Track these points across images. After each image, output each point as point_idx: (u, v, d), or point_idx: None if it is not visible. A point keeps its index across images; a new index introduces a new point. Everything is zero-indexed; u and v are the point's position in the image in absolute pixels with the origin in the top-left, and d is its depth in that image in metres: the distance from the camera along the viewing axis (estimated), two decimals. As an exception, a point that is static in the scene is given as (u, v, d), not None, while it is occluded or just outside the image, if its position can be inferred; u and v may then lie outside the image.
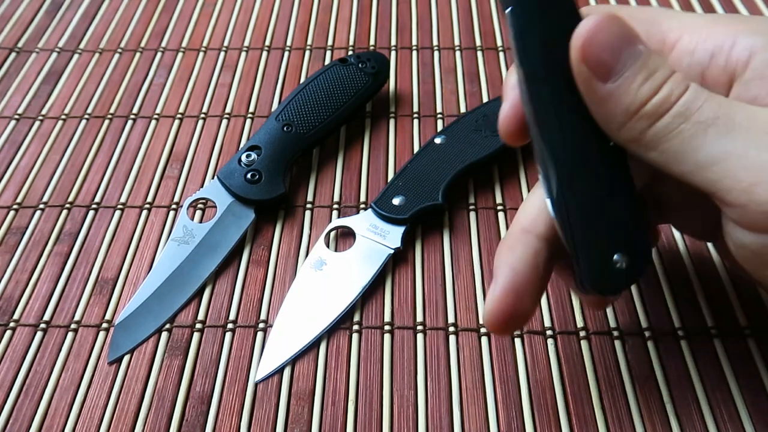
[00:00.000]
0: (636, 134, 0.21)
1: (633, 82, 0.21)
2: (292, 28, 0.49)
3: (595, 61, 0.21)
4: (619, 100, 0.21)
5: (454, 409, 0.29)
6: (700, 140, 0.20)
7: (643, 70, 0.21)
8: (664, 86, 0.21)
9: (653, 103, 0.21)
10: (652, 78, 0.21)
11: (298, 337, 0.31)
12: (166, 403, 0.30)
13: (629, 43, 0.21)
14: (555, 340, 0.31)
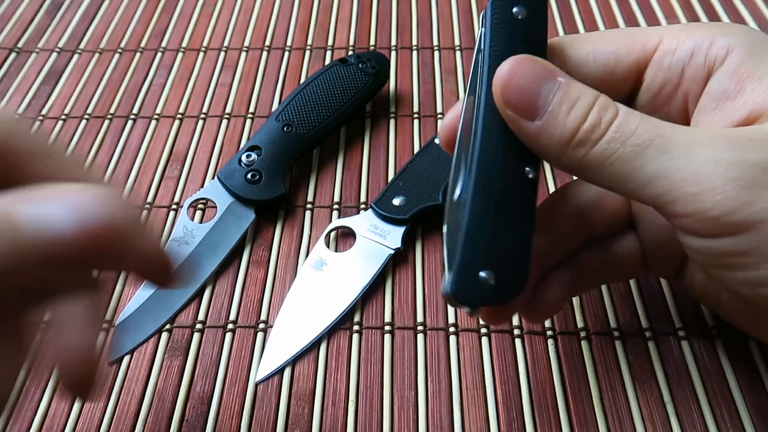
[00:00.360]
0: (576, 162, 0.22)
1: (558, 114, 0.22)
2: (292, 28, 0.49)
3: (517, 103, 0.22)
4: (550, 134, 0.22)
5: (454, 410, 0.29)
6: (640, 161, 0.21)
7: (566, 101, 0.22)
8: (591, 113, 0.22)
9: (584, 131, 0.22)
10: (575, 107, 0.22)
11: (299, 337, 0.31)
12: (166, 403, 0.30)
13: (546, 78, 0.22)
14: (555, 340, 0.31)
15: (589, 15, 0.49)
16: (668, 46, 0.25)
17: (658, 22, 0.48)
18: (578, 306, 0.32)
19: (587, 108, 0.22)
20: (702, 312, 0.32)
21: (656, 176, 0.21)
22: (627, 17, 0.49)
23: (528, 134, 0.22)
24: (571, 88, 0.22)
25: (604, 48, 0.26)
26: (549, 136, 0.22)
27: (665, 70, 0.25)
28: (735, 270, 0.22)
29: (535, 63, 0.22)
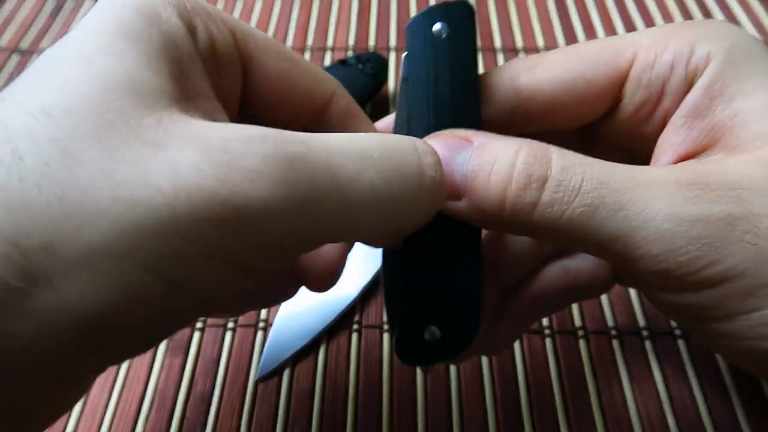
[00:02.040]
0: (523, 231, 0.20)
1: (477, 186, 0.19)
2: (292, 28, 0.50)
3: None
4: (479, 209, 0.19)
5: (453, 408, 0.29)
6: (593, 223, 0.18)
7: (481, 169, 0.19)
8: (514, 174, 0.19)
9: (512, 197, 0.19)
10: (493, 172, 0.19)
11: (298, 336, 0.32)
12: (166, 402, 0.30)
13: (459, 148, 0.20)
14: (553, 339, 0.31)
15: (586, 15, 0.49)
16: (645, 61, 0.22)
17: (654, 24, 0.48)
18: (576, 305, 0.33)
19: (508, 170, 0.19)
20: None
21: (614, 238, 0.18)
22: (625, 19, 0.49)
23: (461, 214, 0.20)
24: (486, 150, 0.19)
25: (568, 72, 0.23)
26: (479, 211, 0.19)
27: (645, 87, 0.22)
28: (702, 322, 0.20)
29: (443, 137, 0.20)
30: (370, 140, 0.17)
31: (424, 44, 0.21)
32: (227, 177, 0.14)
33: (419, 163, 0.18)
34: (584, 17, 0.49)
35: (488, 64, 0.46)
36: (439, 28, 0.21)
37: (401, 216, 0.18)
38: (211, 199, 0.14)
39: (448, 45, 0.21)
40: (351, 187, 0.16)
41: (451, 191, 0.19)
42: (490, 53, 0.47)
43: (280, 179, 0.15)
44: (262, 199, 0.15)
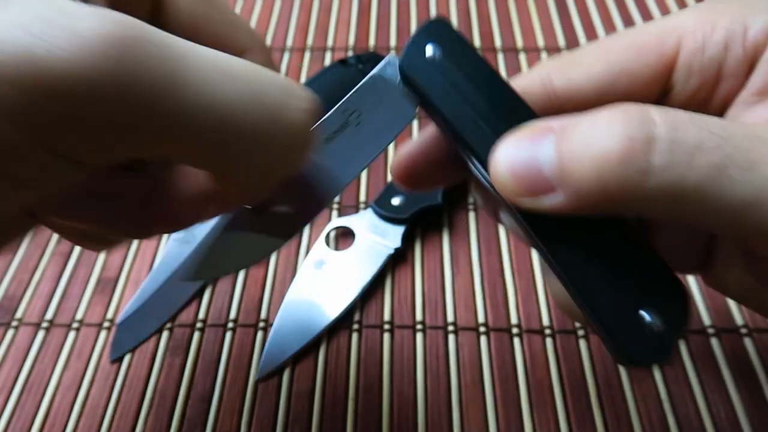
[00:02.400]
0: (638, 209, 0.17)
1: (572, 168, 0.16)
2: (292, 28, 0.50)
3: (526, 188, 0.18)
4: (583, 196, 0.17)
5: (453, 408, 0.29)
6: (722, 185, 0.16)
7: (573, 150, 0.17)
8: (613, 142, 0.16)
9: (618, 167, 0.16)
10: (586, 149, 0.16)
11: (299, 336, 0.32)
12: (167, 401, 0.30)
13: (537, 140, 0.18)
14: (553, 339, 0.31)
15: (587, 15, 0.49)
16: (693, 45, 0.20)
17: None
18: (576, 305, 0.33)
19: (604, 141, 0.16)
20: (699, 311, 0.32)
21: (749, 201, 0.16)
22: (625, 18, 0.49)
23: (563, 209, 0.17)
24: (571, 129, 0.17)
25: (609, 68, 0.20)
26: (581, 198, 0.17)
27: (697, 73, 0.20)
28: None
29: (520, 133, 0.18)
30: (238, 61, 0.16)
31: (430, 74, 0.20)
32: (49, 36, 0.13)
33: (287, 100, 0.17)
34: (584, 17, 0.49)
35: (488, 63, 0.46)
36: (431, 54, 0.20)
37: (255, 152, 0.16)
38: (23, 56, 0.13)
39: (451, 61, 0.20)
40: (197, 92, 0.15)
41: (544, 187, 0.17)
42: (490, 53, 0.47)
43: (109, 55, 0.13)
44: (82, 67, 0.13)
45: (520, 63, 0.46)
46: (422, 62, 0.20)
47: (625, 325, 0.19)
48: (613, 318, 0.19)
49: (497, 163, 0.18)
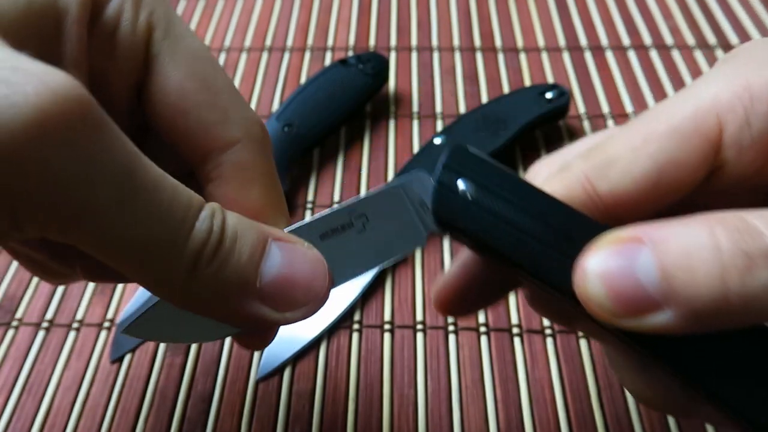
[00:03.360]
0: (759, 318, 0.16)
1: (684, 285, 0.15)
2: (292, 28, 0.50)
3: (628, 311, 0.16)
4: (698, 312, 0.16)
5: (453, 408, 0.29)
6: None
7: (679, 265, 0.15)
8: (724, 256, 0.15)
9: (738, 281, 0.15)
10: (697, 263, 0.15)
11: (299, 336, 0.32)
12: (167, 401, 0.30)
13: (632, 252, 0.16)
14: (554, 338, 0.31)
15: (587, 15, 0.49)
16: (737, 121, 0.19)
17: (655, 23, 0.48)
18: (577, 305, 0.33)
19: (713, 255, 0.15)
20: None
21: None
22: (625, 18, 0.49)
23: (673, 328, 0.16)
24: (670, 242, 0.16)
25: (651, 163, 0.19)
26: (694, 314, 0.15)
27: (748, 147, 0.19)
28: None
29: (608, 244, 0.17)
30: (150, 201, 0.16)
31: (469, 212, 0.18)
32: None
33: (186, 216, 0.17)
34: (585, 16, 0.49)
35: (489, 63, 0.46)
36: (464, 189, 0.18)
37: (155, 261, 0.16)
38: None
39: (487, 191, 0.18)
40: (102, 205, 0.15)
41: (649, 305, 0.16)
42: (490, 53, 0.47)
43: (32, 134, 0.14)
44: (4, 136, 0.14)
45: (521, 63, 0.46)
46: (456, 202, 0.18)
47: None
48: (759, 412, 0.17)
49: (588, 283, 0.16)
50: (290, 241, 0.19)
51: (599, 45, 0.47)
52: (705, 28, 0.48)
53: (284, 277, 0.18)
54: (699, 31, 0.47)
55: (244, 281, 0.17)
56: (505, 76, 0.45)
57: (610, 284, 0.16)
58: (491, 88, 0.44)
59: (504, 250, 0.18)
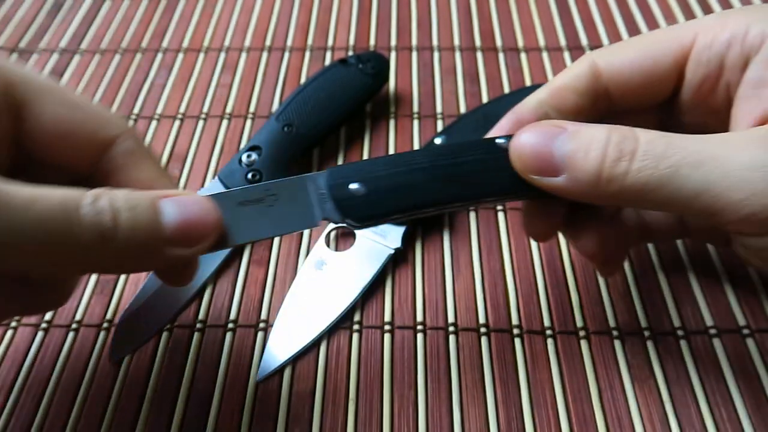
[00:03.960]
0: (615, 197, 0.23)
1: (577, 162, 0.23)
2: (292, 28, 0.49)
3: (537, 167, 0.23)
4: (578, 182, 0.23)
5: (454, 409, 0.29)
6: (678, 181, 0.21)
7: (580, 148, 0.23)
8: (608, 149, 0.22)
9: (608, 167, 0.22)
10: (591, 149, 0.23)
11: (299, 336, 0.31)
12: (167, 401, 0.30)
13: (554, 134, 0.23)
14: (555, 339, 0.31)
15: (588, 14, 0.49)
16: (704, 41, 0.25)
17: (656, 22, 0.48)
18: (577, 305, 0.33)
19: (603, 146, 0.22)
20: (700, 311, 0.32)
21: (698, 191, 0.21)
22: (626, 17, 0.49)
23: (560, 189, 0.23)
24: (581, 134, 0.23)
25: (638, 54, 0.26)
26: (578, 183, 0.23)
27: (705, 64, 0.25)
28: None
29: (540, 126, 0.24)
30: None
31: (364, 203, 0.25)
32: None
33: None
34: (585, 16, 0.49)
35: (489, 63, 0.46)
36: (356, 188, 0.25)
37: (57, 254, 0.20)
38: None
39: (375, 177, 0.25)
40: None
41: (550, 169, 0.23)
42: (491, 53, 0.47)
43: None
44: None
45: (521, 63, 0.46)
46: (359, 202, 0.25)
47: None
48: None
49: (521, 145, 0.24)
50: (177, 194, 0.23)
51: (600, 45, 0.47)
52: (706, 28, 0.48)
53: (183, 221, 0.22)
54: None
55: (154, 235, 0.22)
56: (505, 76, 0.45)
57: (533, 149, 0.23)
58: (492, 88, 0.44)
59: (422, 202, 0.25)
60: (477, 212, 0.37)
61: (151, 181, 0.25)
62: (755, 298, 0.32)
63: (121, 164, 0.25)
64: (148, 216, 0.21)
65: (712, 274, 0.33)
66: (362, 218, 0.25)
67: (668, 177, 0.21)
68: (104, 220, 0.20)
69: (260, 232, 0.25)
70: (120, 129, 0.25)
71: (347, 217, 0.25)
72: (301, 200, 0.25)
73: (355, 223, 0.25)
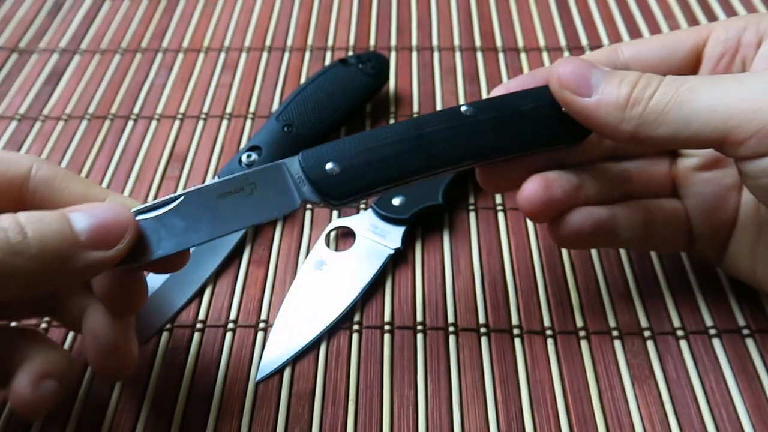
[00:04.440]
0: (637, 119, 0.25)
1: (610, 85, 0.26)
2: (292, 28, 0.49)
3: (573, 84, 0.26)
4: (609, 101, 0.26)
5: (454, 409, 0.29)
6: (695, 100, 0.24)
7: (615, 76, 0.26)
8: (639, 81, 0.25)
9: (637, 92, 0.25)
10: (625, 79, 0.26)
11: (299, 336, 0.31)
12: (167, 401, 0.30)
13: (593, 66, 0.27)
14: (554, 339, 0.31)
15: (588, 14, 0.49)
16: (722, 27, 0.29)
17: (656, 22, 0.48)
18: (577, 305, 0.33)
19: (635, 78, 0.26)
20: (700, 311, 0.32)
21: (713, 107, 0.23)
22: (626, 17, 0.49)
23: (587, 108, 0.26)
24: (617, 71, 0.26)
25: (660, 40, 0.30)
26: (607, 103, 0.26)
27: (722, 42, 0.28)
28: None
29: (581, 59, 0.27)
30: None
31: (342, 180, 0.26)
32: None
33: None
34: (585, 16, 0.49)
35: (489, 63, 0.46)
36: (331, 168, 0.26)
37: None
38: None
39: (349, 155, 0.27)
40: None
41: (585, 88, 0.26)
42: (491, 53, 0.47)
43: None
44: None
45: (522, 63, 0.46)
46: (334, 180, 0.26)
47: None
48: None
49: (563, 64, 0.27)
50: (84, 207, 0.24)
51: (600, 45, 0.47)
52: (706, 28, 0.48)
53: (95, 224, 0.23)
54: (700, 31, 0.47)
55: (67, 240, 0.22)
56: (505, 76, 0.45)
57: (573, 70, 0.26)
58: (492, 88, 0.44)
59: (395, 174, 0.26)
60: (477, 212, 0.37)
61: (83, 195, 0.26)
62: (755, 298, 0.32)
63: (47, 192, 0.25)
64: (58, 224, 0.22)
65: (712, 274, 0.33)
66: (341, 196, 0.26)
67: (687, 95, 0.24)
68: (11, 235, 0.21)
69: (243, 220, 0.25)
70: (28, 160, 0.26)
71: (326, 197, 0.26)
72: (280, 186, 0.26)
73: (335, 202, 0.26)
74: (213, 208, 0.25)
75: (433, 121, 0.27)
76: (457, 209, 0.37)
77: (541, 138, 0.28)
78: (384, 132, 0.27)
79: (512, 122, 0.28)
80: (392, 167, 0.26)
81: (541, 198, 0.28)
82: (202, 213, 0.25)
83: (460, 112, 0.27)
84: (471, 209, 0.37)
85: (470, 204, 0.37)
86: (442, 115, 0.28)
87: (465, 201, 0.37)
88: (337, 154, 0.26)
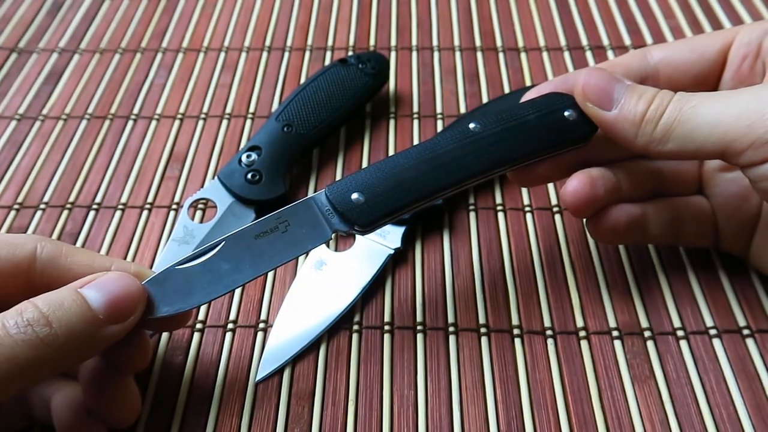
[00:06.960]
0: (648, 136, 0.28)
1: (630, 102, 0.28)
2: (292, 28, 0.49)
3: (596, 97, 0.29)
4: (625, 118, 0.28)
5: (454, 409, 0.29)
6: (696, 118, 0.26)
7: (635, 93, 0.28)
8: (655, 99, 0.28)
9: (651, 111, 0.28)
10: (643, 97, 0.28)
11: (299, 337, 0.31)
12: (167, 402, 0.30)
13: (616, 81, 0.29)
14: (555, 339, 0.31)
15: (588, 14, 0.49)
16: (746, 30, 0.30)
17: (656, 22, 0.48)
18: (578, 305, 0.32)
19: (652, 96, 0.28)
20: (700, 311, 0.32)
21: (712, 124, 0.26)
22: (626, 17, 0.49)
23: (608, 121, 0.29)
24: (637, 86, 0.29)
25: (688, 42, 0.32)
26: (624, 119, 0.28)
27: (745, 44, 0.30)
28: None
29: (605, 71, 0.29)
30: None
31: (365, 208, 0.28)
32: None
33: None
34: (586, 16, 0.49)
35: (490, 63, 0.46)
36: (356, 198, 0.28)
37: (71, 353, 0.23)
38: None
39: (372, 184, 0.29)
40: None
41: (607, 101, 0.29)
42: (491, 52, 0.47)
43: None
44: None
45: (521, 63, 0.46)
46: (362, 210, 0.28)
47: None
48: None
49: (588, 76, 0.29)
50: (93, 279, 0.24)
51: (600, 45, 0.47)
52: (707, 28, 0.48)
53: (109, 300, 0.24)
54: (701, 31, 0.47)
55: (90, 321, 0.23)
56: (505, 76, 0.45)
57: (597, 83, 0.29)
58: (492, 88, 0.44)
59: (417, 197, 0.28)
60: (477, 212, 0.37)
61: (89, 266, 0.26)
62: (755, 298, 0.32)
63: (54, 270, 0.26)
64: (79, 307, 0.23)
65: (712, 274, 0.33)
66: (368, 223, 0.28)
67: (690, 115, 0.27)
68: (39, 330, 0.22)
69: (282, 257, 0.27)
70: (32, 242, 0.26)
71: (354, 225, 0.28)
72: (311, 220, 0.28)
73: (362, 229, 0.28)
74: (253, 248, 0.27)
75: (446, 141, 0.29)
76: (457, 209, 0.37)
77: (549, 143, 0.30)
78: (401, 158, 0.29)
79: (519, 132, 0.29)
80: (413, 190, 0.28)
81: (587, 194, 0.30)
82: (243, 254, 0.27)
83: (469, 130, 0.29)
84: (471, 209, 0.37)
85: (470, 204, 0.37)
86: (453, 134, 0.29)
87: (465, 201, 0.37)
88: (360, 185, 0.28)
